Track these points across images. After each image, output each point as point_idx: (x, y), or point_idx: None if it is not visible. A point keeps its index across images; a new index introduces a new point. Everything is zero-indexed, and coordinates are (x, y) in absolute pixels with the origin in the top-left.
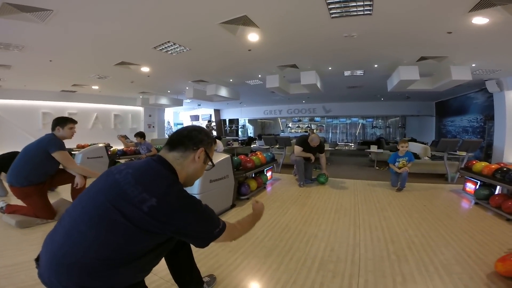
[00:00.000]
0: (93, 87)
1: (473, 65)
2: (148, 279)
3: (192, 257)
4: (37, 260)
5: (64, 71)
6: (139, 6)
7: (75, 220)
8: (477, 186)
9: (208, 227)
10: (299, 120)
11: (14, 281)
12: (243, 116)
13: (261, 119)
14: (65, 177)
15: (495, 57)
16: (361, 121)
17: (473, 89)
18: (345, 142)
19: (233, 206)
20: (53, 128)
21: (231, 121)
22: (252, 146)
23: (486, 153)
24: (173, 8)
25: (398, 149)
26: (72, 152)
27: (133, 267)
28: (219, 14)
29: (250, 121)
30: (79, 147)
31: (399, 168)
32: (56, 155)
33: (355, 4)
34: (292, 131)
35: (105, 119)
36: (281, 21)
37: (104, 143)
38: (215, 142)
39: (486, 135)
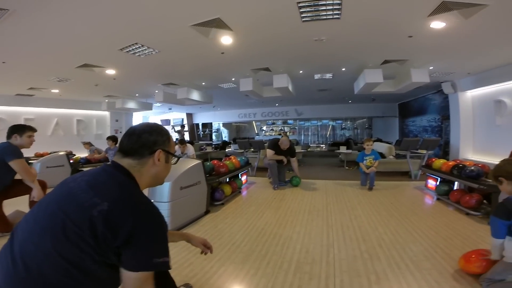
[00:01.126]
0: (53, 90)
1: (431, 67)
2: None
3: (168, 275)
4: None
5: (19, 73)
6: (103, 6)
7: (29, 232)
8: (438, 183)
9: (156, 250)
10: (273, 123)
11: None
12: (217, 120)
13: (235, 123)
14: (22, 188)
15: (449, 60)
16: (331, 123)
17: (431, 90)
18: (317, 144)
19: (207, 212)
20: (8, 136)
21: (204, 125)
22: (227, 150)
23: (444, 150)
24: (141, 8)
25: (364, 148)
26: (30, 161)
27: (94, 281)
28: (191, 16)
29: (224, 124)
30: (38, 155)
31: (367, 167)
32: (13, 164)
33: (325, 8)
34: (267, 134)
35: (66, 124)
36: (255, 24)
37: (66, 151)
38: (171, 139)
39: (443, 133)
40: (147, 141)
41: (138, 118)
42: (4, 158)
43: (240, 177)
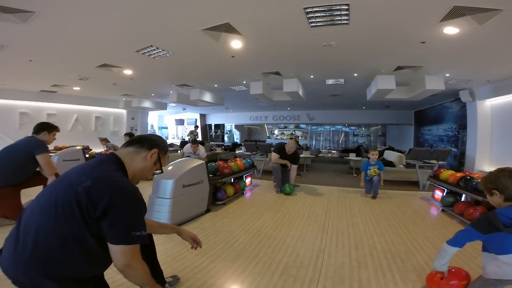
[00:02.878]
0: (74, 88)
1: (447, 75)
2: (110, 278)
3: (156, 257)
4: (0, 251)
5: (44, 71)
6: (121, 10)
7: (31, 212)
8: (444, 194)
9: (131, 223)
10: (285, 127)
11: None
12: (229, 121)
13: (247, 125)
14: (39, 179)
15: (467, 67)
16: (344, 129)
17: (448, 98)
18: (328, 149)
19: (208, 211)
20: (37, 132)
21: (217, 126)
22: (236, 152)
23: (460, 161)
24: (155, 12)
25: (369, 157)
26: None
27: (83, 255)
28: (202, 20)
29: (236, 126)
30: (57, 149)
31: (372, 176)
32: (41, 157)
33: (332, 13)
34: (278, 137)
35: (85, 121)
36: (263, 29)
37: (82, 146)
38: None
39: (460, 144)
40: (153, 140)
41: (153, 117)
42: (33, 151)
43: (244, 179)
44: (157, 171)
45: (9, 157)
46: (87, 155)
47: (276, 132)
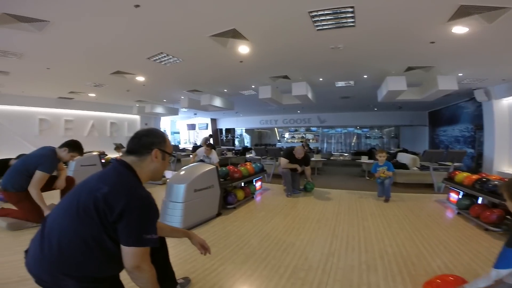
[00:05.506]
0: (90, 94)
1: (460, 74)
2: (126, 279)
3: (168, 259)
4: (26, 251)
5: (61, 78)
6: (132, 18)
7: (55, 216)
8: (460, 196)
9: (142, 226)
10: (296, 130)
11: (0, 277)
12: (240, 125)
13: (257, 129)
14: (49, 183)
15: (480, 66)
16: (356, 131)
17: (463, 98)
18: (340, 152)
19: (218, 214)
20: (61, 145)
21: (227, 130)
22: (247, 156)
23: (477, 162)
24: (164, 20)
25: (377, 159)
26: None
27: (102, 256)
28: (209, 27)
29: (247, 130)
30: None
31: (383, 179)
32: (37, 173)
33: (337, 16)
34: (288, 141)
35: (101, 127)
36: (269, 33)
37: (99, 151)
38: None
39: (477, 144)
40: (145, 142)
41: (166, 122)
42: (38, 163)
43: (254, 183)
44: (172, 160)
45: (24, 165)
46: (103, 160)
47: (286, 135)
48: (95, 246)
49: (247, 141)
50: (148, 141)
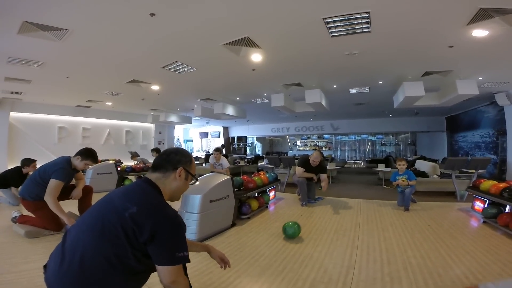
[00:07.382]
0: (107, 103)
1: (480, 78)
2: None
3: (186, 272)
4: (45, 267)
5: (79, 87)
6: (148, 28)
7: (78, 231)
8: (486, 205)
9: (174, 246)
10: (308, 138)
11: (17, 287)
12: (251, 133)
13: (269, 137)
14: (67, 192)
15: (501, 69)
16: (371, 138)
17: (483, 102)
18: (354, 160)
19: (233, 225)
20: (76, 154)
21: (239, 138)
22: (259, 164)
23: (500, 169)
24: (179, 29)
25: (396, 168)
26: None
27: (125, 274)
28: (222, 35)
29: (258, 138)
30: None
31: (404, 188)
32: (52, 181)
33: (353, 22)
34: (301, 149)
35: (117, 135)
36: (282, 41)
37: (115, 160)
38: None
39: (500, 150)
40: (173, 159)
41: (179, 130)
42: (51, 172)
43: (268, 193)
44: (192, 182)
45: (39, 174)
46: (118, 168)
47: (298, 143)
48: (118, 265)
49: (258, 149)
50: (176, 158)
